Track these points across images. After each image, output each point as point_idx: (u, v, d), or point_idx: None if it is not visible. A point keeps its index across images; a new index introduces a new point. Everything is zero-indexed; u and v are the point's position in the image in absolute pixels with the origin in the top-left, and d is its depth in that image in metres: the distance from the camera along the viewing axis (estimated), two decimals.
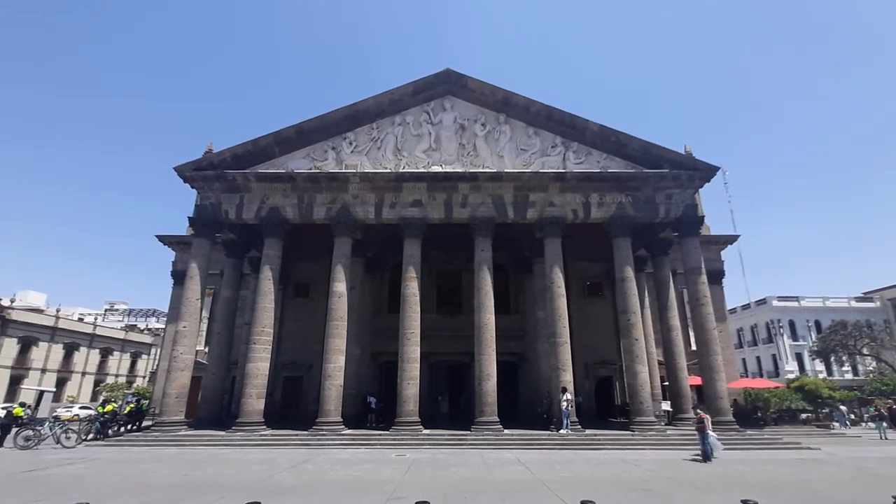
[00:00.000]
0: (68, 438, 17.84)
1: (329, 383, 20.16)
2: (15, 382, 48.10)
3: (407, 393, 20.02)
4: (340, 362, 20.72)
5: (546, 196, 22.20)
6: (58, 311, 58.35)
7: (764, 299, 54.94)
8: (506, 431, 19.28)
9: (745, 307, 57.94)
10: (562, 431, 18.94)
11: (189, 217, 22.24)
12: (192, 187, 22.45)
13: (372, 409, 23.08)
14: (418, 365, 20.74)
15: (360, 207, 22.19)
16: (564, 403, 19.29)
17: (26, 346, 50.52)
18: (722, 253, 31.08)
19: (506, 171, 22.06)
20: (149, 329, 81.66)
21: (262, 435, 19.08)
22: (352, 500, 9.20)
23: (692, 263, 22.11)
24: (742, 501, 5.34)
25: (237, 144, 22.19)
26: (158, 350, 62.22)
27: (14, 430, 18.71)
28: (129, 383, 61.58)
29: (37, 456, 15.41)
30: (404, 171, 22.25)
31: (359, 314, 24.27)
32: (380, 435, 19.13)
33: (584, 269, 28.45)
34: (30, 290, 65.77)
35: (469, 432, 19.11)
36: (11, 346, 48.76)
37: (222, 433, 19.24)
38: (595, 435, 18.99)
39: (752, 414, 26.70)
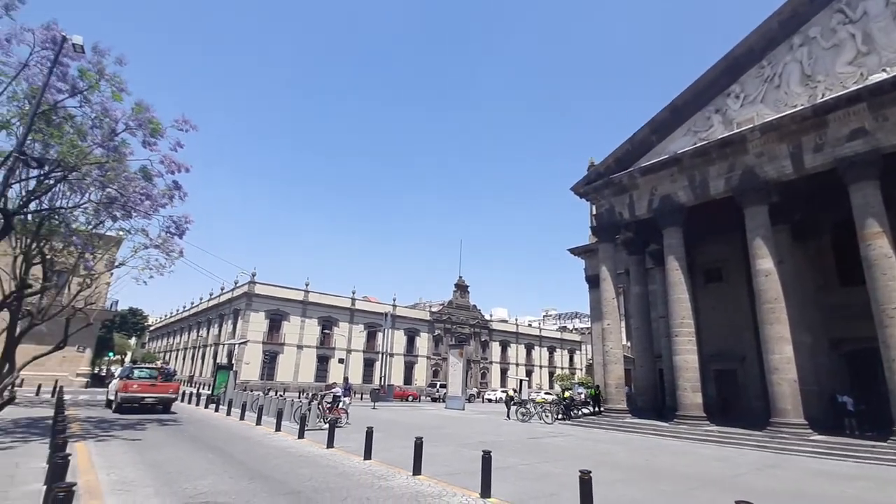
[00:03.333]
0: (547, 416, 23.00)
1: (778, 378, 17.17)
2: (503, 373, 67.03)
3: None
4: (787, 352, 17.33)
5: None
6: (516, 320, 77.40)
7: None
8: None
9: None
10: None
11: (590, 227, 25.00)
12: (587, 200, 25.16)
13: (849, 411, 17.81)
14: None
15: (770, 165, 18.37)
16: None
17: (504, 347, 69.61)
18: None
19: None
20: (575, 329, 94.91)
21: (706, 430, 18.25)
22: None
23: None
24: None
25: (615, 149, 23.39)
26: (586, 346, 71.38)
27: (512, 406, 25.84)
28: (572, 374, 73.04)
29: (530, 427, 20.59)
30: (825, 99, 16.93)
31: (796, 293, 19.65)
32: (871, 447, 14.43)
33: None
34: (498, 307, 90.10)
35: None
36: (496, 347, 68.36)
37: (665, 424, 19.67)
38: None
39: None
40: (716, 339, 24.88)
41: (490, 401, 49.46)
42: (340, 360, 50.79)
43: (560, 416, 24.22)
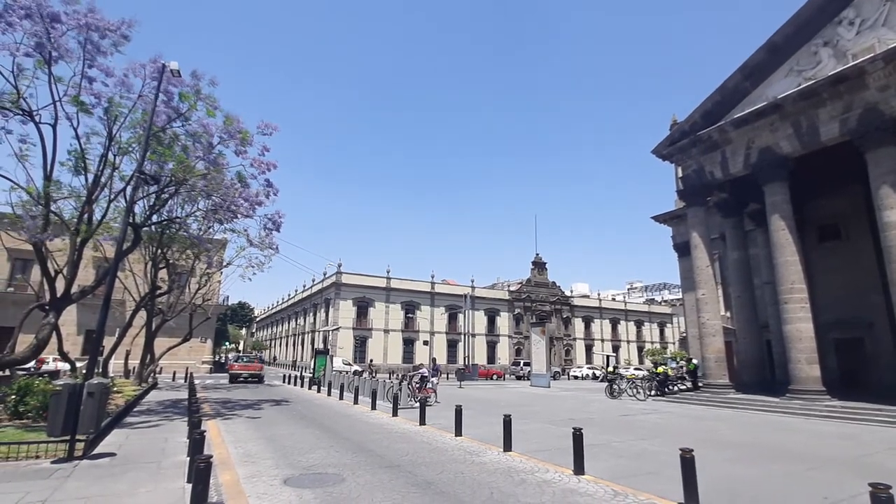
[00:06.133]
0: (639, 393, 22.11)
1: None
2: (588, 350, 65.31)
3: None
4: None
5: None
6: (599, 294, 74.61)
7: None
8: None
9: None
10: None
11: (676, 191, 23.17)
12: (671, 162, 23.30)
13: None
14: None
15: None
16: None
17: (587, 323, 67.56)
18: None
19: None
20: (664, 301, 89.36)
21: (827, 406, 16.43)
22: None
23: None
24: None
25: (702, 102, 21.29)
26: (678, 318, 66.90)
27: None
28: (664, 348, 69.09)
29: (621, 404, 19.92)
30: None
31: None
32: None
33: None
34: (578, 283, 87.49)
35: None
36: (579, 324, 66.57)
37: (775, 399, 18.03)
38: None
39: None
40: (835, 304, 22.11)
41: (576, 377, 48.55)
42: (425, 342, 52.68)
43: (653, 393, 23.15)
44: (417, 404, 13.91)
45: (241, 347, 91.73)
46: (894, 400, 15.37)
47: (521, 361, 48.80)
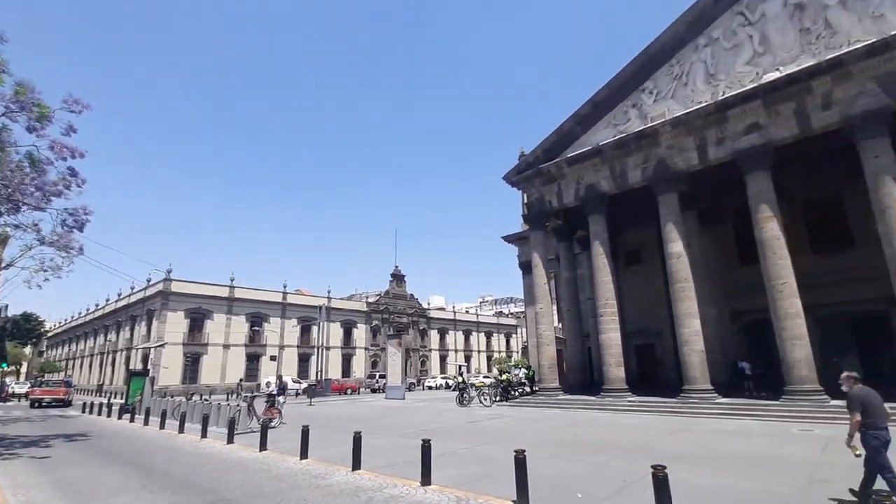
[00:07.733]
0: (486, 400, 23.70)
1: (688, 349, 18.97)
2: (443, 360, 67.93)
3: (794, 356, 16.49)
4: (696, 326, 19.15)
5: None
6: (454, 307, 78.53)
7: None
8: None
9: None
10: None
11: (522, 215, 25.79)
12: (519, 189, 25.90)
13: (746, 375, 20.15)
14: (803, 321, 16.77)
15: (679, 157, 19.99)
16: None
17: (442, 334, 70.49)
18: None
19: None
20: (511, 313, 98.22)
21: (629, 401, 19.80)
22: (765, 475, 8.30)
23: None
24: None
25: (543, 139, 24.22)
26: (522, 329, 74.39)
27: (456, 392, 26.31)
28: (509, 356, 75.71)
29: (470, 411, 21.09)
30: (725, 97, 18.66)
31: (704, 272, 21.78)
32: (766, 405, 16.47)
33: None
34: (435, 295, 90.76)
35: None
36: (434, 335, 69.05)
37: (593, 398, 21.06)
38: None
39: None
40: (636, 316, 26.90)
41: (430, 388, 50.00)
42: (273, 358, 48.67)
43: (498, 399, 25.01)
44: (259, 427, 12.67)
45: (23, 370, 72.83)
46: (674, 394, 19.21)
47: (377, 374, 48.46)
